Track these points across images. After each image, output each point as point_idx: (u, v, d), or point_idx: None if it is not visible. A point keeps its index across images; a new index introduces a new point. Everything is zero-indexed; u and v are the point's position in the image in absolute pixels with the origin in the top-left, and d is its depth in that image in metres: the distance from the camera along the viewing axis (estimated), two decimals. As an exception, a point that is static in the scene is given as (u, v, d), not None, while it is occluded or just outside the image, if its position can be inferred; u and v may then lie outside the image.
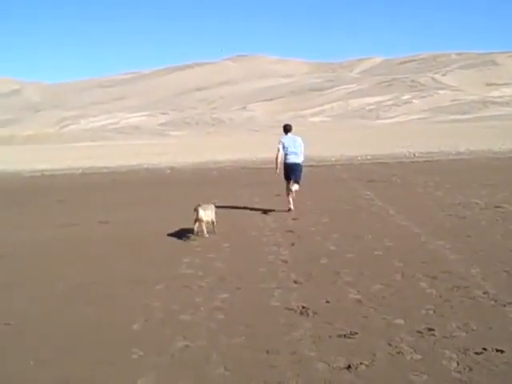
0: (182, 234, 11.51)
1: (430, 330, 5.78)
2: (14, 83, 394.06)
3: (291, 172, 13.95)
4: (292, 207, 13.90)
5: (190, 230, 11.32)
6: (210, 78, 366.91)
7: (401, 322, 6.05)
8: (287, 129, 14.40)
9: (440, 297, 6.81)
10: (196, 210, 11.04)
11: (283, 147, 13.97)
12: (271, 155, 16.21)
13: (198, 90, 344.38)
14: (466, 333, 5.68)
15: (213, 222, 11.45)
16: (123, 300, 7.41)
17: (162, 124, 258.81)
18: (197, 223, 11.10)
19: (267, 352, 5.47)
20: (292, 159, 13.95)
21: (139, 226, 13.18)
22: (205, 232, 11.11)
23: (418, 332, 5.75)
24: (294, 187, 13.86)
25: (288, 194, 14.04)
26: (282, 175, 14.20)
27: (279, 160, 14.00)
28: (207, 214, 11.24)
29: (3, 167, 38.05)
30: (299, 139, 14.14)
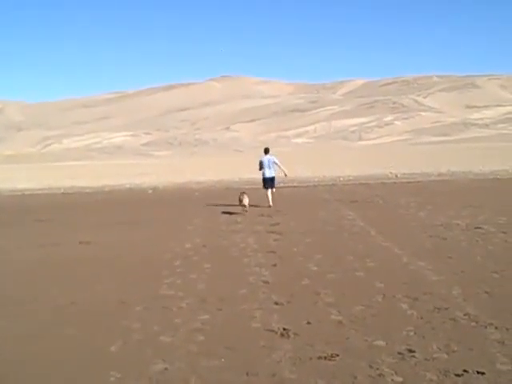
0: (164, 254, 11.43)
1: (410, 351, 5.75)
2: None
3: (268, 182, 19.27)
4: (271, 204, 18.79)
5: (173, 251, 11.27)
6: (193, 99, 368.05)
7: (382, 343, 6.02)
8: (266, 151, 19.84)
9: (421, 318, 6.79)
10: (241, 197, 17.56)
11: (262, 164, 19.41)
12: (254, 176, 21.14)
13: (182, 110, 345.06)
14: (447, 354, 5.66)
15: (247, 205, 17.53)
16: (102, 321, 7.30)
17: (145, 144, 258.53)
18: (242, 205, 17.48)
19: (247, 374, 5.40)
20: (267, 174, 19.32)
21: (120, 246, 13.06)
22: (246, 209, 17.47)
23: (399, 353, 5.72)
24: (273, 190, 19.33)
25: (267, 196, 19.03)
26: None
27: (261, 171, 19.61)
28: (247, 200, 17.50)
29: (-17, 186, 37.67)
30: (273, 158, 19.48)
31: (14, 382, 5.57)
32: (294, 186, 28.82)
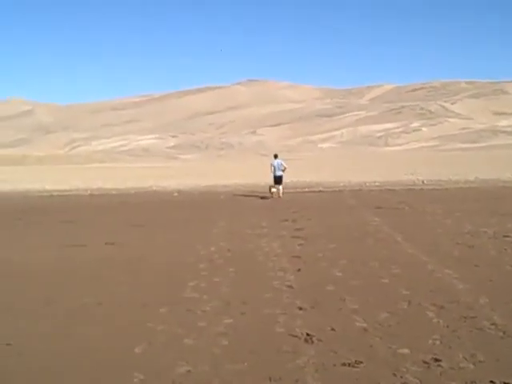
0: (188, 256, 11.48)
1: (436, 360, 5.68)
2: (26, 104, 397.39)
3: (277, 180, 25.39)
4: (281, 195, 25.05)
5: (197, 254, 11.33)
6: (220, 102, 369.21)
7: (407, 351, 5.96)
8: (275, 156, 25.93)
9: (447, 327, 6.71)
10: (271, 188, 25.19)
11: (273, 167, 25.49)
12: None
13: (209, 113, 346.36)
14: (474, 364, 5.58)
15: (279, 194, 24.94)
16: (126, 322, 7.35)
17: (171, 147, 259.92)
18: (271, 192, 25.00)
19: (270, 379, 5.39)
20: (277, 173, 25.32)
21: (145, 247, 13.15)
22: (274, 196, 24.83)
23: (425, 362, 5.65)
24: (281, 188, 25.38)
25: (277, 190, 25.19)
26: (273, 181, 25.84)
27: (271, 173, 25.78)
28: (275, 190, 24.99)
29: (12, 187, 38.25)
30: (281, 161, 25.49)
31: (39, 380, 5.63)
32: (319, 191, 28.75)
